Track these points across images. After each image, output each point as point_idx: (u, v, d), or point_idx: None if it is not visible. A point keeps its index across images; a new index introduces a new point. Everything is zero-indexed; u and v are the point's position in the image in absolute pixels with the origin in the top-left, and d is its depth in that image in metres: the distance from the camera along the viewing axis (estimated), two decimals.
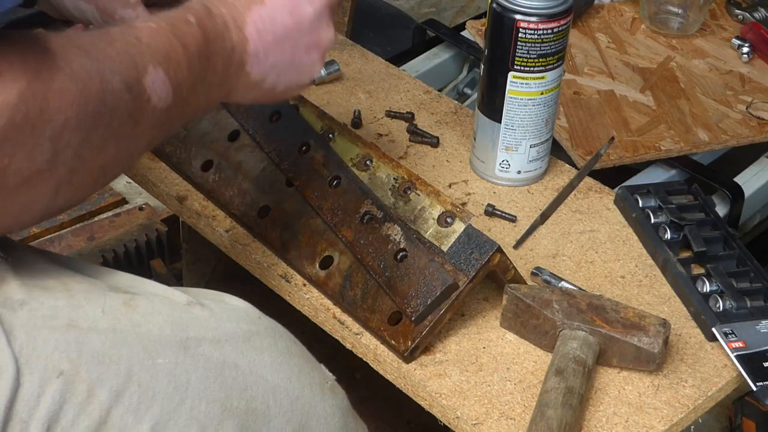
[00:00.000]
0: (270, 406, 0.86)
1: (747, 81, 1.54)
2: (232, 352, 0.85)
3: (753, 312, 1.04)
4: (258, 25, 0.92)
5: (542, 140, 1.20)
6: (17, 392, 0.73)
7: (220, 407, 0.82)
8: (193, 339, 0.83)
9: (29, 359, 0.74)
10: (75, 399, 0.75)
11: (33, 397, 0.73)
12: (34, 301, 0.77)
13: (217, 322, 0.86)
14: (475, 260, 0.99)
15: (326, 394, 0.92)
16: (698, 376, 1.00)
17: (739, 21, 1.67)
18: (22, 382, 0.73)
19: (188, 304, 0.86)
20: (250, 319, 0.90)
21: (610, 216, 1.19)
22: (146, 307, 0.82)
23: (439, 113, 1.33)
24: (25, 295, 0.77)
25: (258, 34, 0.92)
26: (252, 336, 0.88)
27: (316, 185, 1.10)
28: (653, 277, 1.11)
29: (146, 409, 0.78)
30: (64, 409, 0.74)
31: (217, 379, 0.83)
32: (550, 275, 1.09)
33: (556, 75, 1.16)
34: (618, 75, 1.53)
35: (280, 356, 0.89)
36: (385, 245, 1.03)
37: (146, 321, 0.81)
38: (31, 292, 0.78)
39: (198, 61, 0.86)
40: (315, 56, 0.98)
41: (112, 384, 0.77)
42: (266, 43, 0.92)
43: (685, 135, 1.41)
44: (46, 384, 0.74)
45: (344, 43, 1.47)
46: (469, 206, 1.19)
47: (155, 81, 0.80)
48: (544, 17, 1.12)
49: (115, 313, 0.80)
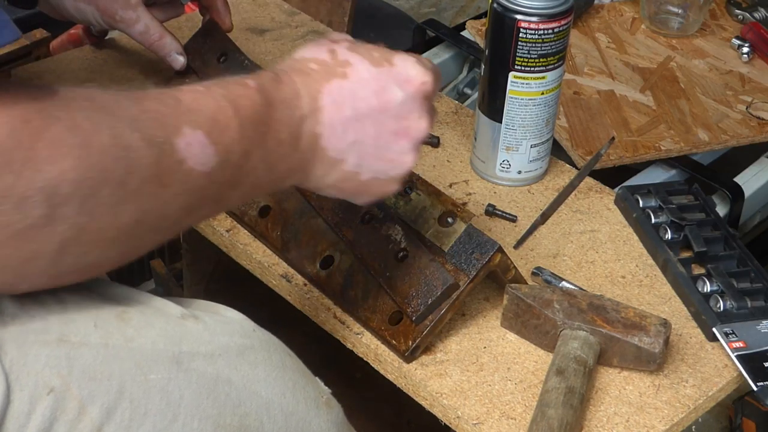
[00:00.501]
0: (264, 423, 0.85)
1: (747, 81, 1.55)
2: (225, 367, 0.83)
3: (753, 312, 1.04)
4: (335, 97, 0.86)
5: (543, 140, 1.20)
6: (7, 409, 0.71)
7: (213, 424, 0.81)
8: (186, 354, 0.81)
9: (19, 376, 0.73)
10: (66, 416, 0.74)
11: (23, 414, 0.72)
12: (25, 314, 0.76)
13: (210, 336, 0.84)
14: (475, 260, 0.99)
15: (321, 409, 0.91)
16: (699, 376, 1.00)
17: (739, 21, 1.68)
18: (12, 399, 0.72)
19: (182, 317, 0.84)
20: (244, 332, 0.88)
21: (611, 216, 1.19)
22: (139, 320, 0.81)
23: (440, 113, 1.33)
24: (16, 308, 0.76)
25: (335, 105, 0.86)
26: (246, 350, 0.86)
27: None
28: (654, 277, 1.11)
29: (138, 426, 0.77)
30: (54, 426, 0.73)
31: (210, 395, 0.81)
32: (551, 275, 1.09)
33: (556, 75, 1.16)
34: (618, 75, 1.53)
35: (275, 371, 0.88)
36: (386, 245, 1.03)
37: (139, 335, 0.79)
38: (23, 304, 0.76)
39: (253, 126, 0.81)
40: (405, 145, 0.89)
41: (104, 401, 0.75)
42: (344, 117, 0.86)
43: (685, 135, 1.41)
44: (37, 401, 0.73)
45: None
46: (470, 206, 1.19)
47: (192, 143, 0.76)
48: (544, 17, 1.12)
49: (108, 327, 0.78)
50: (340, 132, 0.86)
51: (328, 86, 0.86)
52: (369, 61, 0.88)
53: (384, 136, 0.88)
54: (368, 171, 0.88)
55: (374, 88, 0.87)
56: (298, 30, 1.49)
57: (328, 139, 0.86)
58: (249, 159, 0.81)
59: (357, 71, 0.87)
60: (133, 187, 0.72)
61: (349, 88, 0.86)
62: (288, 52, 1.43)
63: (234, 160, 0.79)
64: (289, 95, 0.84)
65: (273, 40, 1.45)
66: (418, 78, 0.88)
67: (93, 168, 0.69)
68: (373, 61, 0.88)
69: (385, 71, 0.88)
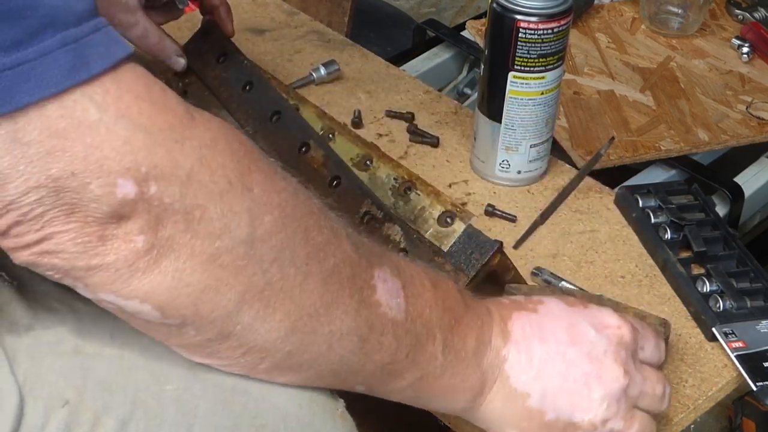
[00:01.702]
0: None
1: (747, 81, 1.54)
2: (242, 377, 0.80)
3: (753, 312, 1.04)
4: (524, 325, 0.82)
5: (542, 140, 1.20)
6: (21, 422, 0.70)
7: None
8: (202, 364, 0.78)
9: (33, 387, 0.72)
10: (80, 428, 0.72)
11: (37, 427, 0.71)
12: (40, 325, 0.75)
13: None
14: (475, 260, 0.99)
15: (337, 422, 0.88)
16: (698, 375, 1.00)
17: (739, 21, 1.67)
18: (26, 412, 0.71)
19: None
20: None
21: (610, 216, 1.19)
22: None
23: (439, 113, 1.33)
24: (30, 319, 0.75)
25: (523, 333, 0.82)
26: None
27: (316, 185, 1.10)
28: (653, 277, 1.11)
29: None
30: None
31: (226, 405, 0.78)
32: (551, 275, 1.09)
33: (556, 75, 1.16)
34: (618, 75, 1.53)
35: None
36: (386, 245, 1.03)
37: (155, 345, 0.77)
38: (36, 315, 0.76)
39: (445, 310, 0.79)
40: (597, 390, 0.82)
41: (119, 412, 0.74)
42: (531, 347, 0.82)
43: (685, 135, 1.41)
44: (51, 413, 0.71)
45: (344, 43, 1.47)
46: (469, 206, 1.19)
47: (388, 281, 0.76)
48: (544, 17, 1.12)
49: (124, 338, 0.77)
50: (525, 362, 0.82)
51: (517, 314, 0.83)
52: (562, 300, 0.86)
53: (573, 374, 0.82)
54: (552, 410, 0.82)
55: (565, 324, 0.83)
56: (298, 30, 1.49)
57: (511, 365, 0.81)
58: (432, 340, 0.78)
59: (548, 307, 0.85)
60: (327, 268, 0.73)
61: (538, 320, 0.83)
62: (287, 52, 1.43)
63: (418, 329, 0.77)
64: (481, 310, 0.82)
65: (273, 40, 1.46)
66: (613, 322, 0.84)
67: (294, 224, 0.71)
68: (566, 301, 0.86)
69: (578, 311, 0.85)
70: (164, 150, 0.65)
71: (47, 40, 0.63)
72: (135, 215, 0.65)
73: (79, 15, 0.64)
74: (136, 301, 0.68)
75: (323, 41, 1.47)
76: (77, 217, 0.64)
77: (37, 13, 0.62)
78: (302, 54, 1.43)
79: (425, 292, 0.79)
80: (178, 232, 0.67)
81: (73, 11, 0.64)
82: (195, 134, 0.67)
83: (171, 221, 0.66)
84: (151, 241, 0.66)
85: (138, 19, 1.19)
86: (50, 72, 0.62)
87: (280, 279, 0.71)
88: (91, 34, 0.65)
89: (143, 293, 0.67)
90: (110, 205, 0.64)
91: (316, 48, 1.45)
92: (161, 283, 0.67)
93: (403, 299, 0.77)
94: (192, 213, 0.67)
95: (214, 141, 0.69)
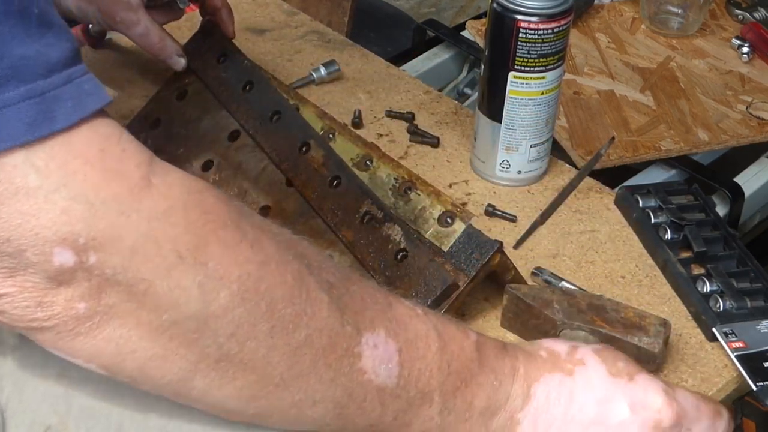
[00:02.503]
0: None
1: (747, 81, 1.54)
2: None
3: (753, 312, 1.04)
4: (550, 391, 0.78)
5: (543, 140, 1.20)
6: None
7: None
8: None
9: (15, 412, 0.71)
10: None
11: None
12: (26, 347, 0.73)
13: None
14: (475, 260, 0.99)
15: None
16: (698, 376, 1.00)
17: (739, 21, 1.67)
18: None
19: None
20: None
21: (611, 216, 1.19)
22: None
23: (439, 113, 1.33)
24: (17, 340, 0.73)
25: (547, 399, 0.78)
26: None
27: (316, 185, 1.10)
28: (653, 277, 1.11)
29: None
30: None
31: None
32: (551, 275, 1.09)
33: (556, 75, 1.16)
34: (618, 75, 1.53)
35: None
36: (386, 245, 1.03)
37: None
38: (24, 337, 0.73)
39: (451, 374, 0.75)
40: None
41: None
42: (552, 415, 0.77)
43: (685, 135, 1.41)
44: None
45: (344, 43, 1.47)
46: (470, 206, 1.19)
47: (379, 347, 0.71)
48: (544, 17, 1.12)
49: None
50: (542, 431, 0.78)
51: (548, 376, 0.78)
52: (606, 368, 0.80)
53: None
54: None
55: (598, 397, 0.78)
56: (298, 30, 1.49)
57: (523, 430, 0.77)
58: (428, 403, 0.74)
59: (586, 373, 0.79)
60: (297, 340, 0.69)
61: (569, 386, 0.78)
62: (287, 52, 1.43)
63: (411, 394, 0.74)
64: (505, 369, 0.78)
65: (273, 40, 1.46)
66: (655, 404, 0.78)
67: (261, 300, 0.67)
68: (611, 369, 0.80)
69: (620, 383, 0.79)
70: (105, 223, 0.62)
71: (9, 92, 0.60)
72: (75, 282, 0.62)
73: (52, 66, 0.62)
74: (80, 360, 0.66)
75: (323, 41, 1.47)
76: (16, 281, 0.62)
77: (0, 64, 0.59)
78: (302, 54, 1.44)
79: (428, 354, 0.75)
80: (121, 301, 0.64)
81: (46, 62, 0.61)
82: (145, 206, 0.64)
83: (114, 291, 0.63)
84: (94, 308, 0.63)
85: (140, 18, 1.19)
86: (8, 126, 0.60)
87: (239, 352, 0.67)
88: (61, 87, 0.62)
89: (87, 355, 0.65)
90: (47, 272, 0.62)
91: (316, 48, 1.45)
92: (105, 348, 0.65)
93: (396, 364, 0.73)
94: (136, 286, 0.64)
95: (168, 212, 0.65)
